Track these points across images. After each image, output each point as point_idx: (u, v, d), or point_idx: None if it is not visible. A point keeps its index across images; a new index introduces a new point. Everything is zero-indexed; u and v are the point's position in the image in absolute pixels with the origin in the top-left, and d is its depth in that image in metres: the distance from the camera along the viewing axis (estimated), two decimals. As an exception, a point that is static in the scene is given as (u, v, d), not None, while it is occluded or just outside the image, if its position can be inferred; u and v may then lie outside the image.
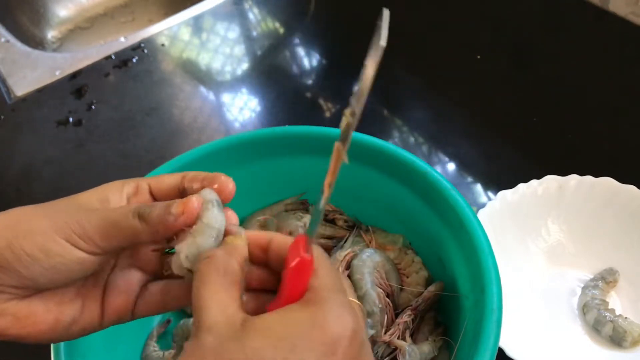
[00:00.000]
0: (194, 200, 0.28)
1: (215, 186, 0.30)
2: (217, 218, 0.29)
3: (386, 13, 0.25)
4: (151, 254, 0.32)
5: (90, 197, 0.30)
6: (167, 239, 0.30)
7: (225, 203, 0.30)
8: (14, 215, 0.28)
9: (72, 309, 0.29)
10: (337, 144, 0.27)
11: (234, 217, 0.30)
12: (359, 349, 0.25)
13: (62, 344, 0.40)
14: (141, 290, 0.32)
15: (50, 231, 0.27)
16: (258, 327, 0.24)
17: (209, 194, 0.29)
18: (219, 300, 0.25)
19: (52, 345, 0.40)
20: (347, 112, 0.26)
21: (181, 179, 0.31)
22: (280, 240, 0.30)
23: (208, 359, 0.23)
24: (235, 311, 0.25)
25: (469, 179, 0.64)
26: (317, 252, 0.28)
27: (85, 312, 0.30)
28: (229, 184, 0.30)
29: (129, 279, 0.31)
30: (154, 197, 0.32)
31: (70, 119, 0.76)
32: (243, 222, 0.56)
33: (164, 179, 0.32)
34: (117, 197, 0.30)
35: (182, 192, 0.31)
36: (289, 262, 0.27)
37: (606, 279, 0.52)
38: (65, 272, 0.28)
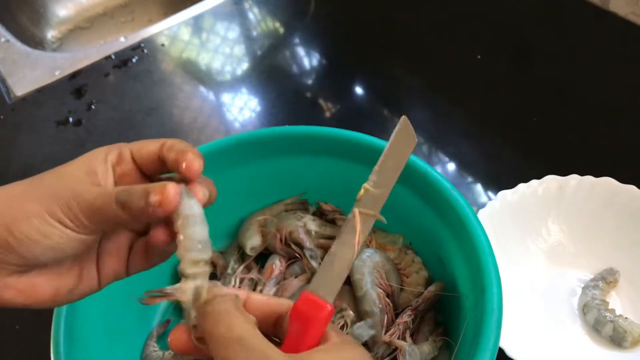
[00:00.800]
0: (170, 190, 0.29)
1: (184, 165, 0.31)
2: (202, 233, 0.30)
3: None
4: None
5: (77, 170, 0.31)
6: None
7: (194, 181, 0.31)
8: (3, 199, 0.29)
9: (71, 277, 0.31)
10: (355, 210, 0.30)
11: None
12: None
13: (61, 344, 0.40)
14: (130, 249, 0.34)
15: (45, 215, 0.29)
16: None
17: (189, 209, 0.30)
18: (246, 334, 0.26)
19: (52, 345, 0.40)
20: (365, 185, 0.31)
21: (160, 147, 0.32)
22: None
23: None
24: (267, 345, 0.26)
25: (469, 179, 0.64)
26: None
27: (83, 278, 0.32)
28: (194, 163, 0.31)
29: (119, 242, 0.33)
30: (137, 164, 0.33)
31: (70, 119, 0.76)
32: (243, 222, 0.56)
33: (145, 145, 0.33)
34: (102, 168, 0.32)
35: (162, 160, 0.32)
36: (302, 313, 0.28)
37: (606, 279, 0.52)
38: (63, 250, 0.29)
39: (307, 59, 0.83)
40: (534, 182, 0.56)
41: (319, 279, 0.29)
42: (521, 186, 0.56)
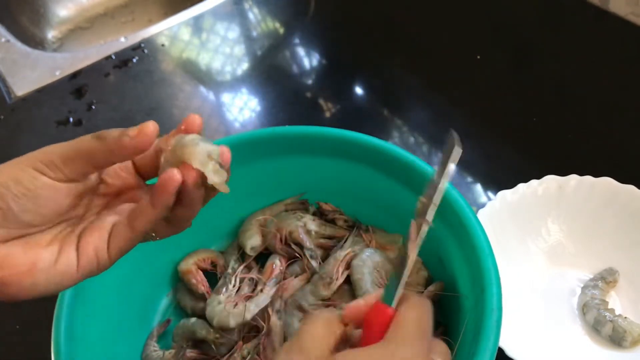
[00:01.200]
0: (149, 124, 0.30)
1: (183, 127, 0.31)
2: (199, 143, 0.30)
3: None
4: (131, 206, 0.33)
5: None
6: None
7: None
8: None
9: (48, 251, 0.30)
10: (412, 222, 0.31)
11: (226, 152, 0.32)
12: None
13: (62, 343, 0.40)
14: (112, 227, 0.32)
15: (20, 163, 0.29)
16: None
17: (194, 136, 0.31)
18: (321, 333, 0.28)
19: (52, 345, 0.40)
20: (421, 198, 0.31)
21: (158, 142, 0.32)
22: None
23: None
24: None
25: (469, 179, 0.64)
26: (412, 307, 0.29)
27: (62, 255, 0.30)
28: (195, 118, 0.31)
29: (103, 220, 0.32)
30: (132, 161, 0.33)
31: (70, 119, 0.76)
32: (243, 222, 0.56)
33: None
34: None
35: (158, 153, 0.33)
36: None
37: (606, 278, 0.52)
38: (36, 200, 0.29)
39: (307, 59, 0.83)
40: (533, 182, 0.56)
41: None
42: (521, 186, 0.56)
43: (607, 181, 0.55)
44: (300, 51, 0.84)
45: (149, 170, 0.34)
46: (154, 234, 0.33)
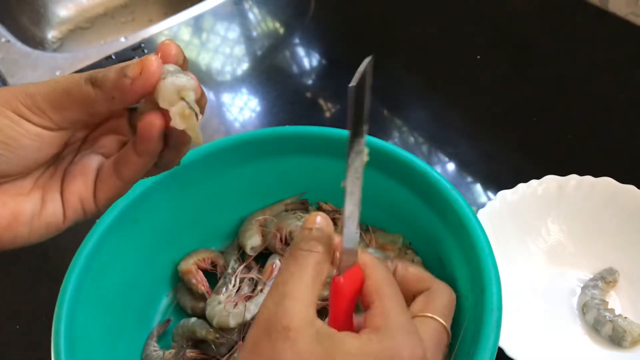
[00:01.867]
0: (152, 59, 0.25)
1: (159, 55, 0.26)
2: (181, 80, 0.26)
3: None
4: (113, 139, 0.30)
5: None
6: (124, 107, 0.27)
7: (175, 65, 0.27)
8: None
9: (30, 201, 0.27)
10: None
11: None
12: None
13: (62, 344, 0.40)
14: (99, 171, 0.29)
15: (2, 108, 0.25)
16: (336, 344, 0.26)
17: (171, 67, 0.27)
18: (308, 298, 0.26)
19: (52, 345, 0.40)
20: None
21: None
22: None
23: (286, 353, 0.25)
24: (314, 314, 0.26)
25: (469, 179, 0.64)
26: (379, 272, 0.29)
27: (46, 204, 0.27)
28: (170, 46, 0.27)
29: (85, 163, 0.29)
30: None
31: (71, 119, 0.76)
32: (243, 222, 0.56)
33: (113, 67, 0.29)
34: None
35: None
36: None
37: (606, 278, 0.52)
38: (17, 150, 0.25)
39: (307, 59, 0.83)
40: (533, 182, 0.56)
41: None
42: (521, 186, 0.56)
43: (607, 181, 0.55)
44: (301, 51, 0.84)
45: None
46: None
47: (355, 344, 0.26)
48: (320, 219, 0.29)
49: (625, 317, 0.48)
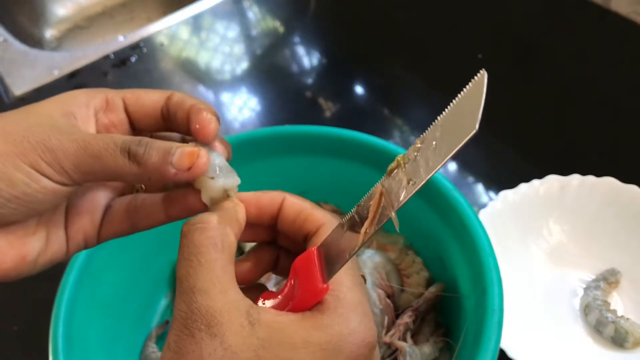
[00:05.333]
0: (203, 157, 0.24)
1: (197, 126, 0.26)
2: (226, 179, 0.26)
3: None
4: None
5: (52, 110, 0.25)
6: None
7: (208, 144, 0.27)
8: None
9: (37, 241, 0.26)
10: (379, 187, 0.23)
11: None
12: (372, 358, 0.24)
13: (60, 345, 0.40)
14: (106, 209, 0.28)
15: (12, 155, 0.22)
16: (273, 333, 0.22)
17: (216, 158, 0.26)
18: (219, 283, 0.22)
19: (50, 347, 0.40)
20: (400, 158, 0.23)
21: (165, 100, 0.27)
22: (294, 204, 0.27)
23: None
24: (237, 297, 0.22)
25: (470, 179, 0.63)
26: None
27: (51, 242, 0.26)
28: (210, 124, 0.26)
29: (93, 200, 0.27)
30: (130, 117, 0.28)
31: (69, 119, 0.76)
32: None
33: (143, 95, 0.27)
34: (83, 112, 0.26)
35: (165, 117, 0.27)
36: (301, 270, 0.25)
37: (608, 279, 0.51)
38: (29, 204, 0.24)
39: (307, 58, 0.82)
40: (535, 182, 0.55)
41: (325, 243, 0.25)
42: (522, 186, 0.55)
43: (609, 181, 0.54)
44: (300, 50, 0.84)
45: (145, 127, 0.28)
46: None
47: (299, 332, 0.22)
48: (224, 202, 0.26)
49: (628, 319, 0.48)
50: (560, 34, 0.79)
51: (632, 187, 0.53)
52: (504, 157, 0.66)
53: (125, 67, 0.82)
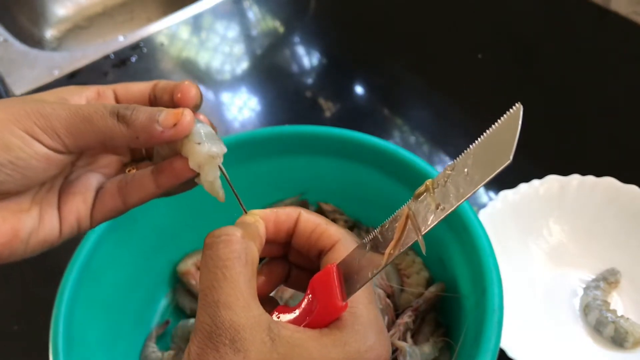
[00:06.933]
0: (187, 115, 0.26)
1: (179, 95, 0.28)
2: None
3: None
4: (114, 160, 0.30)
5: (46, 96, 0.27)
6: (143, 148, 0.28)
7: (192, 109, 0.28)
8: None
9: (30, 218, 0.27)
10: (406, 209, 0.24)
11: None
12: None
13: (60, 344, 0.40)
14: (98, 191, 0.29)
15: (7, 122, 0.24)
16: (293, 349, 0.23)
17: (202, 127, 0.28)
18: (243, 298, 0.23)
19: (50, 346, 0.40)
20: (429, 183, 0.24)
21: (152, 87, 0.29)
22: (309, 220, 0.27)
23: None
24: (259, 312, 0.23)
25: (470, 179, 0.63)
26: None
27: (44, 221, 0.27)
28: (190, 89, 0.28)
29: (85, 182, 0.29)
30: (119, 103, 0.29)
31: (69, 119, 0.76)
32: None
33: (132, 86, 0.29)
34: (76, 99, 0.27)
35: (152, 102, 0.29)
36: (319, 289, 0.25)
37: (608, 279, 0.51)
38: (23, 170, 0.24)
39: (307, 58, 0.82)
40: (535, 182, 0.55)
41: (345, 262, 0.26)
42: (522, 186, 0.55)
43: (609, 181, 0.54)
44: (300, 50, 0.84)
45: None
46: None
47: (318, 349, 0.23)
48: (246, 217, 0.27)
49: (628, 318, 0.48)
50: (560, 34, 0.79)
51: (632, 187, 0.53)
52: (503, 157, 0.65)
53: (125, 67, 0.82)
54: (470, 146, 0.22)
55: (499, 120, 0.21)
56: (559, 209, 0.55)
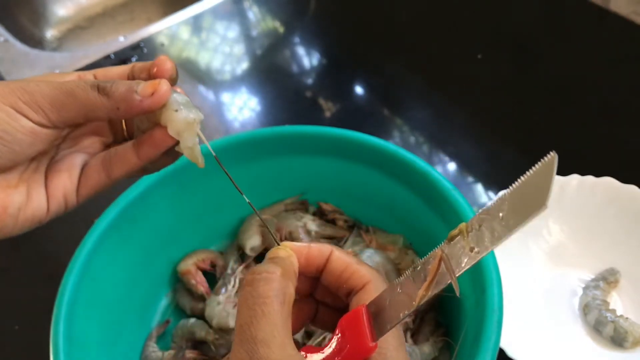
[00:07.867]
0: (163, 84, 0.27)
1: (155, 69, 0.29)
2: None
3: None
4: (96, 141, 0.31)
5: (29, 79, 0.28)
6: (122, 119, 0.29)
7: (168, 80, 0.29)
8: None
9: (18, 194, 0.28)
10: (439, 252, 0.24)
11: None
12: None
13: (61, 344, 0.40)
14: (83, 168, 0.30)
15: None
16: None
17: (178, 96, 0.29)
18: (280, 336, 0.24)
19: (51, 346, 0.40)
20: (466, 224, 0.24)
21: (130, 69, 0.30)
22: (340, 259, 0.28)
23: None
24: (294, 352, 0.24)
25: (470, 179, 0.64)
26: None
27: (31, 197, 0.28)
28: (165, 63, 0.29)
29: (71, 160, 0.30)
30: None
31: (70, 119, 0.76)
32: (243, 222, 0.56)
33: (111, 69, 0.30)
34: (59, 79, 0.29)
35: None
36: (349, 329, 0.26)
37: (607, 279, 0.51)
38: (10, 144, 0.26)
39: (307, 58, 0.83)
40: (534, 182, 0.55)
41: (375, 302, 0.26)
42: (522, 186, 0.55)
43: (609, 181, 0.54)
44: (300, 50, 0.84)
45: None
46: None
47: None
48: (279, 251, 0.28)
49: (627, 318, 0.48)
50: (560, 34, 0.79)
51: (632, 187, 0.54)
52: (503, 157, 0.66)
53: (125, 67, 0.82)
54: (505, 192, 0.23)
55: (533, 167, 0.22)
56: (558, 208, 0.55)
